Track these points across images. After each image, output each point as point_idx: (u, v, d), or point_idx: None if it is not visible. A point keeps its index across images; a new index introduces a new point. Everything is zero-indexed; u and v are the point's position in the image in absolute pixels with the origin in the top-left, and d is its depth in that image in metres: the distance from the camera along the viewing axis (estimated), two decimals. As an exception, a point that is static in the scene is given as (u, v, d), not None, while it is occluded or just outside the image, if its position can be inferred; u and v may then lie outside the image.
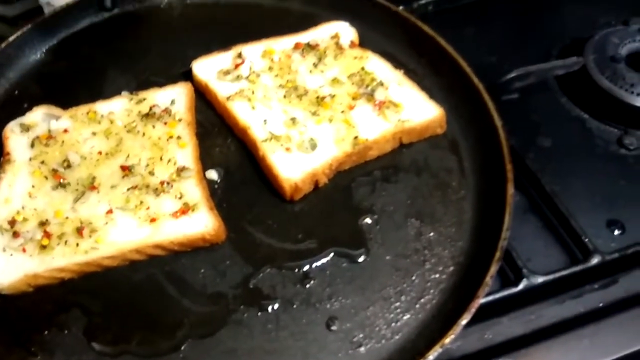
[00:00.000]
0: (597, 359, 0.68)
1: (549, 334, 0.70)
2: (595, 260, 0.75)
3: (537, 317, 0.72)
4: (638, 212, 0.83)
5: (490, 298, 0.69)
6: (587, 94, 0.94)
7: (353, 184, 0.74)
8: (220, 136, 0.78)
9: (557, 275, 0.74)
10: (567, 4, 1.09)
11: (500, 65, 1.00)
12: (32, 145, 0.73)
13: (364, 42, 0.87)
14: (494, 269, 0.62)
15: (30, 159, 0.72)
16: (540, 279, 0.73)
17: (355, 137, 0.74)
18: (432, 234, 0.69)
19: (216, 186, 0.73)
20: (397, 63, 0.84)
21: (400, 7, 1.05)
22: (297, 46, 0.84)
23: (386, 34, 0.88)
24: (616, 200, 0.85)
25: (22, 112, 0.78)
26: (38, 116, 0.76)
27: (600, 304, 0.74)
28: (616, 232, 0.81)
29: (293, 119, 0.76)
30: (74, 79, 0.84)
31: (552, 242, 0.80)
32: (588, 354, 0.68)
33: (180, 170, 0.71)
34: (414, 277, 0.66)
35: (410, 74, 0.83)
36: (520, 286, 0.72)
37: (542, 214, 0.82)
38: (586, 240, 0.77)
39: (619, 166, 0.89)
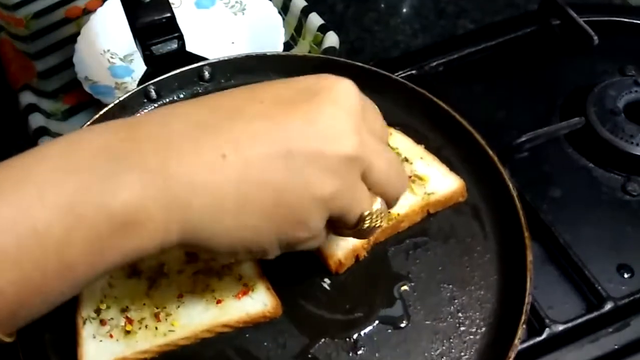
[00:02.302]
0: (617, 400, 0.77)
1: (572, 378, 0.79)
2: (608, 306, 0.84)
3: (561, 363, 0.81)
4: (645, 255, 0.92)
5: (518, 348, 0.77)
6: (592, 145, 1.03)
7: (389, 253, 0.83)
8: (267, 216, 0.87)
9: (575, 322, 0.83)
10: (565, 56, 1.19)
11: (509, 121, 1.10)
12: (105, 238, 0.83)
13: (385, 116, 0.96)
14: (520, 331, 0.71)
15: (104, 251, 0.82)
16: (561, 327, 0.82)
17: (389, 212, 0.83)
18: (463, 297, 0.78)
19: (269, 264, 0.82)
20: (417, 135, 0.93)
21: (414, 70, 1.15)
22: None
23: (404, 107, 0.97)
24: (624, 245, 0.94)
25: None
26: (106, 209, 0.86)
27: (615, 346, 0.83)
28: (626, 276, 0.91)
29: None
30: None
31: (569, 289, 0.89)
32: (608, 396, 0.77)
33: (238, 254, 0.81)
34: (451, 339, 0.75)
35: (429, 145, 0.92)
36: (544, 335, 0.82)
37: (558, 263, 0.91)
38: (599, 287, 0.86)
39: (625, 212, 0.98)
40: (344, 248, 0.80)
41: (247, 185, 0.56)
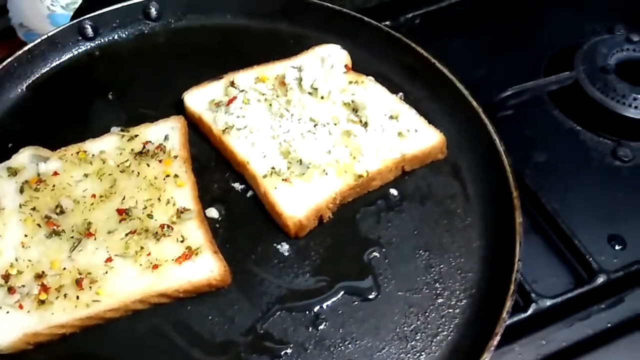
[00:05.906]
0: (612, 384, 0.67)
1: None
2: (600, 280, 0.75)
3: (548, 342, 0.71)
4: (637, 225, 0.83)
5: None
6: (580, 106, 0.93)
7: (357, 215, 0.72)
8: (217, 171, 0.75)
9: (564, 297, 0.74)
10: (551, 12, 1.09)
11: (490, 79, 0.99)
12: (22, 191, 0.70)
13: (357, 64, 0.85)
14: (509, 303, 0.61)
15: (20, 206, 0.69)
16: (548, 302, 0.73)
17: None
18: (441, 265, 0.68)
19: (217, 225, 0.71)
20: (392, 85, 0.82)
21: (388, 22, 1.04)
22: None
23: (378, 55, 0.86)
24: (615, 214, 0.85)
25: (7, 154, 0.74)
26: (25, 158, 0.73)
27: (608, 325, 0.74)
28: (617, 247, 0.81)
29: (292, 150, 0.74)
30: (59, 115, 0.81)
31: (556, 262, 0.79)
32: (602, 380, 0.68)
33: (181, 212, 0.68)
34: (427, 313, 0.65)
35: (406, 97, 0.81)
36: (530, 311, 0.72)
37: (544, 233, 0.81)
38: (590, 259, 0.76)
39: (615, 178, 0.89)
40: (306, 208, 0.69)
41: None
